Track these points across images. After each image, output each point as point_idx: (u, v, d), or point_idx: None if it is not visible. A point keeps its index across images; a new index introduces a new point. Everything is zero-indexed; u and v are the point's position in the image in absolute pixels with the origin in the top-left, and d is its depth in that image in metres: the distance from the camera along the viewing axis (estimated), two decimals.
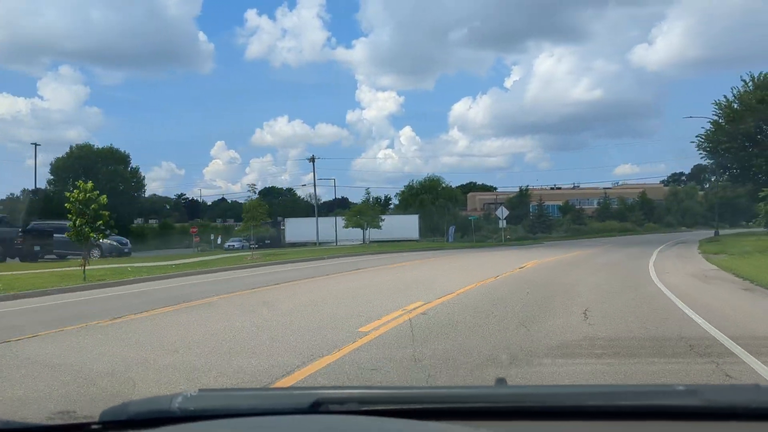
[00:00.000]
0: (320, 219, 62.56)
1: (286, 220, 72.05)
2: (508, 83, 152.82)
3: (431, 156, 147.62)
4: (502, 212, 48.01)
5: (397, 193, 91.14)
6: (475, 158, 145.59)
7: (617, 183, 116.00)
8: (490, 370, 5.62)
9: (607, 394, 1.65)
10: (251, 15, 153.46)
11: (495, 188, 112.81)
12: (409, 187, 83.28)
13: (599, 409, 1.54)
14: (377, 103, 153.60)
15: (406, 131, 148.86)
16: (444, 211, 77.68)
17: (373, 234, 62.10)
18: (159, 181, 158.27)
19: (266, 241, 65.84)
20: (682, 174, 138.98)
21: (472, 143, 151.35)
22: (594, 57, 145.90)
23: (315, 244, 62.05)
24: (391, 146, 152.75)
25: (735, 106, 38.57)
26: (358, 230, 60.84)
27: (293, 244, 65.58)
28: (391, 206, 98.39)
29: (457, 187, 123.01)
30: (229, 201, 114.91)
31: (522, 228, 77.36)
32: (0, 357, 6.87)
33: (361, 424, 1.46)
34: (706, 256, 24.06)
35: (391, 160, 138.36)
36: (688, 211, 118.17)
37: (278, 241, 68.24)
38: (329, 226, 61.92)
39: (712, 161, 41.33)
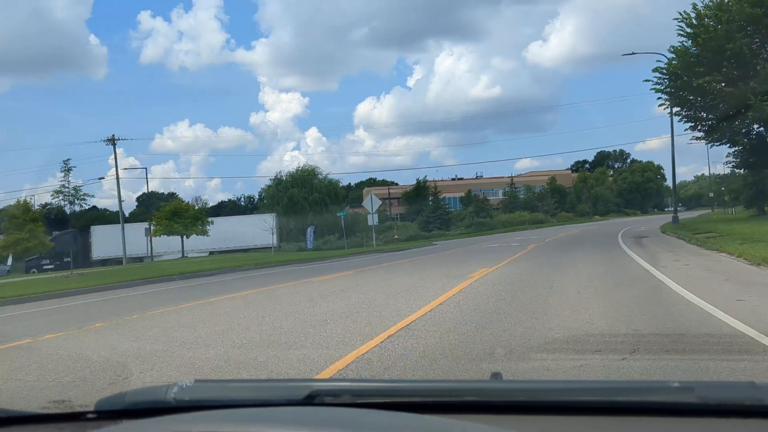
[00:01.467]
0: (130, 226, 44.54)
1: (92, 228, 52.90)
2: (411, 82, 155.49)
3: (338, 156, 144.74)
4: (372, 202, 32.12)
5: (263, 188, 74.03)
6: (381, 157, 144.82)
7: (520, 174, 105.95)
8: None
9: (601, 390, 1.59)
10: (145, 17, 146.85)
11: (397, 184, 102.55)
12: (277, 181, 65.93)
13: (593, 405, 1.49)
14: (281, 104, 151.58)
15: (312, 132, 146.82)
16: (319, 209, 61.72)
17: (207, 242, 45.16)
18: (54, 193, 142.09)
19: (65, 259, 47.26)
20: (585, 162, 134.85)
21: (378, 142, 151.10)
22: (492, 55, 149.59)
23: (128, 259, 44.07)
24: (297, 148, 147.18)
25: (709, 23, 24.35)
26: (200, 237, 43.87)
27: (104, 261, 47.40)
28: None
29: (357, 185, 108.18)
30: (99, 208, 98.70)
31: (418, 224, 62.77)
32: None
33: (355, 416, 1.44)
34: None
35: (298, 162, 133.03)
36: (600, 198, 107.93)
37: (86, 257, 49.66)
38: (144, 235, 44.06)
39: (677, 110, 26.73)
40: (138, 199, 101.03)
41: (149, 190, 61.99)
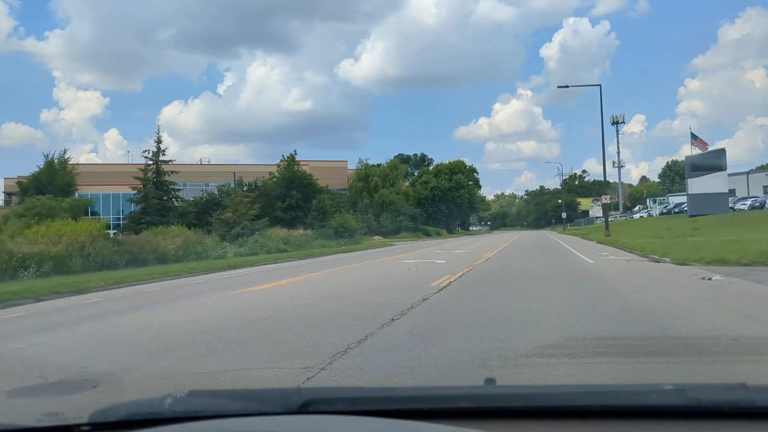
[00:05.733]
0: None
1: None
2: (221, 89, 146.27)
3: (140, 161, 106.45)
4: None
5: None
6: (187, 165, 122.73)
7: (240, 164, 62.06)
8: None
9: (595, 394, 1.60)
10: None
11: None
12: None
13: (588, 409, 1.49)
14: (78, 103, 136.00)
15: (112, 134, 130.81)
16: None
17: None
18: None
19: None
20: (379, 165, 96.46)
21: (184, 149, 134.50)
22: (304, 68, 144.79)
23: None
24: (95, 150, 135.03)
25: None
26: None
27: None
28: None
29: None
30: None
31: None
32: None
33: (350, 424, 1.44)
34: None
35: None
36: (389, 207, 66.69)
37: None
38: None
39: None
40: None
41: None
